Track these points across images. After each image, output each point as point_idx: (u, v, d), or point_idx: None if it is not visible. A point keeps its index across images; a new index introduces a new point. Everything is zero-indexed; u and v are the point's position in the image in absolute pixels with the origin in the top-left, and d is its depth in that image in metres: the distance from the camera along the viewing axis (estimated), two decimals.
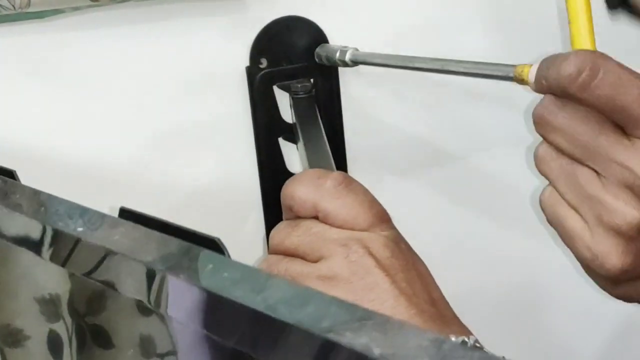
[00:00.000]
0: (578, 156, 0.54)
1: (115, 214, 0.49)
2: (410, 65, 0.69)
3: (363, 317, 0.34)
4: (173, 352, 0.43)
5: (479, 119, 0.82)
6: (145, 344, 0.45)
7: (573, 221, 0.55)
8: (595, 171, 0.53)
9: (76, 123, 0.72)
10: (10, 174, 0.56)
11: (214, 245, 0.43)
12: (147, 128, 0.74)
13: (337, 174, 0.60)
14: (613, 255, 0.53)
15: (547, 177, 0.56)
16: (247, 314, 0.37)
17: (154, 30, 0.72)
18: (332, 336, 0.33)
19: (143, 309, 0.44)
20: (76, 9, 0.68)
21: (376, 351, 0.32)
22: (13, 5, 0.64)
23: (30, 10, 0.65)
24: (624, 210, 0.52)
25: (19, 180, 0.57)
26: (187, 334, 0.42)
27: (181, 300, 0.41)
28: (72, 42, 0.70)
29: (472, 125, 0.80)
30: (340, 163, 0.78)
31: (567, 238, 0.56)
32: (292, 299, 0.37)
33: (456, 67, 0.64)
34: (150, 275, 0.42)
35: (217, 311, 0.39)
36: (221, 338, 0.39)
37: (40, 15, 0.67)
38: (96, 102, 0.72)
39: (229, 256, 0.43)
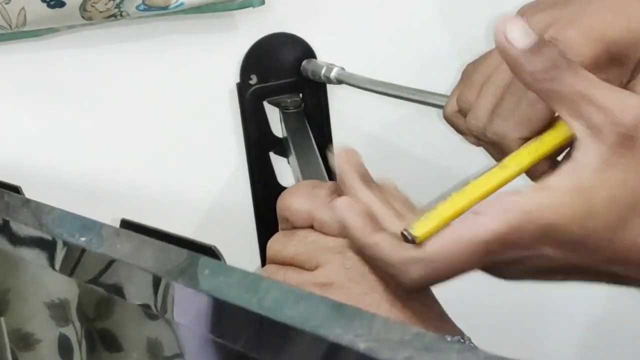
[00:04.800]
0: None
1: (117, 225, 0.50)
2: (390, 92, 0.70)
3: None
4: (180, 355, 0.44)
5: None
6: (153, 347, 0.46)
7: None
8: None
9: (72, 138, 0.73)
10: (15, 190, 0.57)
11: (211, 252, 0.45)
12: (140, 143, 0.75)
13: (331, 184, 0.61)
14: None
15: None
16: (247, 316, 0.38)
17: (146, 48, 0.73)
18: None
19: (150, 314, 0.45)
20: (71, 27, 0.68)
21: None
22: (9, 25, 0.65)
23: (26, 29, 0.66)
24: None
25: (24, 195, 0.57)
26: (193, 337, 0.43)
27: (185, 305, 0.42)
28: (68, 60, 0.71)
29: (461, 137, 0.81)
30: (330, 174, 0.78)
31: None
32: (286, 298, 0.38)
33: (434, 100, 0.65)
34: (156, 283, 0.43)
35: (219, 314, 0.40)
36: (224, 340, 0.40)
37: (36, 33, 0.68)
38: (90, 118, 0.73)
39: (225, 262, 0.45)
